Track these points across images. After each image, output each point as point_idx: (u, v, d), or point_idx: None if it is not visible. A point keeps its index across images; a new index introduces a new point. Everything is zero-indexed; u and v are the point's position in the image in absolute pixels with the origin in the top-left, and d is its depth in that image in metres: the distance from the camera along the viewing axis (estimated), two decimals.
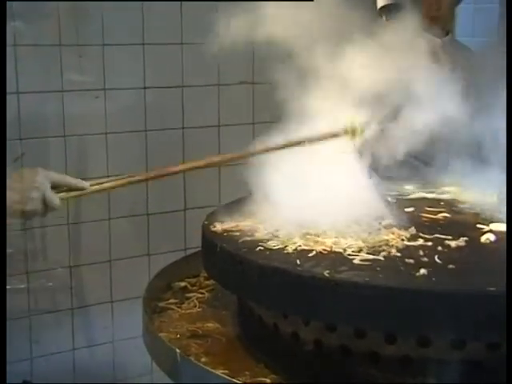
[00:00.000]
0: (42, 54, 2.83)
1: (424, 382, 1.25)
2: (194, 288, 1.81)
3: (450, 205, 1.79)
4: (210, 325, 1.60)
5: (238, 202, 1.73)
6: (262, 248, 1.42)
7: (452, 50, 3.13)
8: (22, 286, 2.97)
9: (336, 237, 1.45)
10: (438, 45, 3.09)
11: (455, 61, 3.13)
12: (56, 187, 1.58)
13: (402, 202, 1.79)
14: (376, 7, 3.20)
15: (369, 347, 1.26)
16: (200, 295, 1.77)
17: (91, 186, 1.65)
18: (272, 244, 1.44)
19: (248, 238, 1.49)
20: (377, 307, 1.20)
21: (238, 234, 1.53)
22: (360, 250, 1.38)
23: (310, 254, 1.38)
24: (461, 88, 3.08)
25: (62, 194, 1.60)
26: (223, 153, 3.18)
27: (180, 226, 3.17)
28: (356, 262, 1.33)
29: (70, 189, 1.61)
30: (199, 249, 1.68)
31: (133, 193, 3.06)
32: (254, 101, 3.28)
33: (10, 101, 2.76)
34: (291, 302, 1.31)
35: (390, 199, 1.76)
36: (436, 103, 2.89)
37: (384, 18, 3.17)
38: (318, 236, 1.45)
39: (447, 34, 3.15)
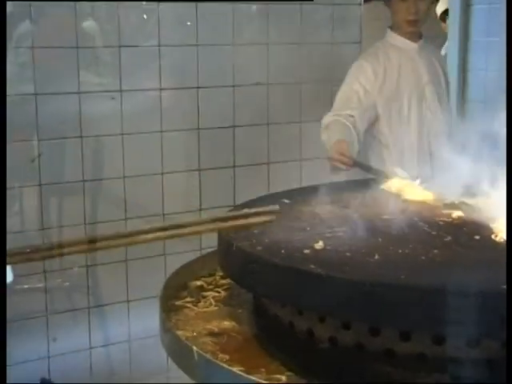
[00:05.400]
0: (59, 55, 2.86)
1: (439, 379, 1.26)
2: (210, 287, 1.82)
3: None
4: (226, 323, 1.61)
5: (253, 202, 1.75)
6: (277, 247, 1.44)
7: (426, 53, 3.12)
8: (40, 286, 3.00)
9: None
10: (414, 49, 3.08)
11: (430, 64, 3.13)
12: None
13: None
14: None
15: (383, 344, 1.28)
16: (216, 294, 1.78)
17: None
18: (288, 243, 1.45)
19: (264, 237, 1.51)
20: (390, 305, 1.21)
21: (253, 232, 1.55)
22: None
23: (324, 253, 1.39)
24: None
25: None
26: (238, 153, 3.23)
27: None
28: (371, 260, 1.34)
29: None
30: (215, 249, 1.70)
31: (148, 193, 3.09)
32: (269, 102, 3.30)
33: (28, 102, 2.79)
34: (305, 300, 1.33)
35: None
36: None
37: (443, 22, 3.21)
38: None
39: (421, 37, 3.12)
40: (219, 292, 1.79)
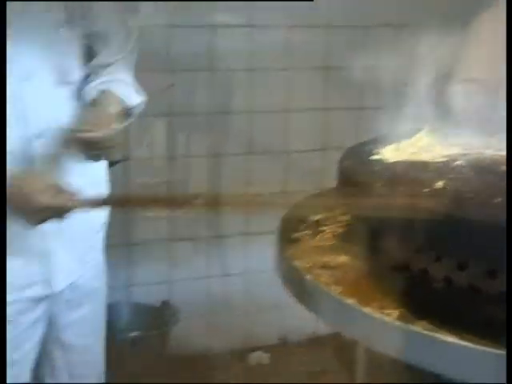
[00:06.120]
0: None
1: None
2: (328, 222, 1.84)
3: None
4: (341, 257, 1.63)
5: (377, 140, 1.74)
6: (397, 184, 1.44)
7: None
8: (163, 214, 3.11)
9: None
10: None
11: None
12: None
13: None
14: None
15: (498, 287, 1.26)
16: (334, 229, 1.79)
17: None
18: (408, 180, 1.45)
19: (384, 174, 1.51)
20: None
21: (374, 169, 1.55)
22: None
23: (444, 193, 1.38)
24: None
25: None
26: (365, 94, 3.18)
27: (317, 165, 3.20)
28: (493, 201, 1.32)
29: None
30: (334, 186, 1.71)
31: (273, 129, 3.12)
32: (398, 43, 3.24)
33: (163, 33, 2.86)
34: (423, 240, 1.33)
35: None
36: None
37: None
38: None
39: None
40: (337, 227, 1.80)
